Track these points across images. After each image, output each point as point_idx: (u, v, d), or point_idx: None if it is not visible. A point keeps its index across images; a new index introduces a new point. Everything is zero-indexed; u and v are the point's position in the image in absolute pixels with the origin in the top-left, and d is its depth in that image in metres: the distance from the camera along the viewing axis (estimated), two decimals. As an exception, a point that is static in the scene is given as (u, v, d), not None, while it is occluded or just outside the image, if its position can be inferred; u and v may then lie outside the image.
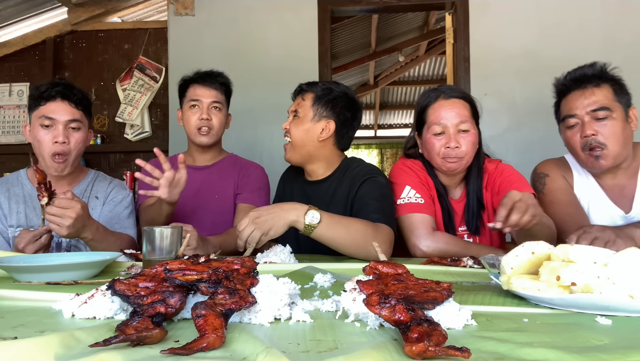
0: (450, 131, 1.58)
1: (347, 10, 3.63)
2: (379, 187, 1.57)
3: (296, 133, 1.65)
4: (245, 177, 1.96)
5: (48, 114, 1.65)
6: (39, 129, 1.66)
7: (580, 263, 0.74)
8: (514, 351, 0.54)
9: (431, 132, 1.61)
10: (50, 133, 1.65)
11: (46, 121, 1.65)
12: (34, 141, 1.69)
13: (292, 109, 1.70)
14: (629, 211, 1.60)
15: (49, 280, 1.01)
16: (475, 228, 1.66)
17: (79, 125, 1.70)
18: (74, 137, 1.69)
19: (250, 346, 0.55)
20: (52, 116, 1.65)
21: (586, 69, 1.59)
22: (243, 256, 1.29)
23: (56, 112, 1.66)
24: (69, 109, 1.67)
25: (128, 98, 3.62)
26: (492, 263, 1.04)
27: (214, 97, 1.91)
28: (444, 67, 7.40)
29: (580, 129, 1.57)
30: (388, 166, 10.47)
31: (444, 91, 1.65)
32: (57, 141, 1.64)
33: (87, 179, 1.82)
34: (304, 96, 1.68)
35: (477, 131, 1.61)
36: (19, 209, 1.72)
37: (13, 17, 3.63)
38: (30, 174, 1.79)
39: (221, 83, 1.94)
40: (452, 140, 1.57)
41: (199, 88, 1.91)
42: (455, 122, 1.57)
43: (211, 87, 1.91)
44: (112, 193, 1.81)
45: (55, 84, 1.70)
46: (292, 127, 1.66)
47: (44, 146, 1.66)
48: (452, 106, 1.59)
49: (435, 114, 1.60)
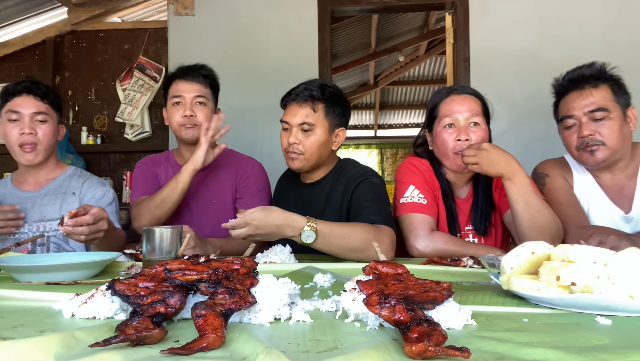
0: (461, 123, 1.58)
1: (347, 10, 3.63)
2: (375, 188, 1.55)
3: (312, 147, 1.57)
4: (244, 179, 1.87)
5: (14, 107, 1.69)
6: (7, 124, 1.70)
7: (580, 263, 0.74)
8: (514, 351, 0.54)
9: (442, 124, 1.61)
10: (17, 126, 1.69)
11: (13, 115, 1.69)
12: (3, 136, 1.73)
13: (300, 121, 1.57)
14: (629, 211, 1.60)
15: (49, 280, 1.01)
16: (484, 228, 1.66)
17: (45, 117, 1.72)
18: (41, 128, 1.71)
19: (250, 346, 0.55)
20: (18, 110, 1.69)
21: (584, 70, 1.59)
22: (243, 256, 1.29)
23: (22, 106, 1.70)
24: (34, 102, 1.71)
25: (128, 98, 3.62)
26: (492, 263, 1.04)
27: (197, 91, 1.79)
28: (444, 67, 7.40)
29: (578, 129, 1.58)
30: (388, 166, 10.46)
31: (456, 88, 1.67)
32: (23, 132, 1.68)
33: (65, 174, 1.83)
34: (315, 106, 1.57)
35: (487, 128, 1.62)
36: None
37: (13, 17, 3.63)
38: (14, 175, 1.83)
39: (205, 76, 1.82)
40: (462, 133, 1.57)
41: (181, 83, 1.80)
42: (466, 116, 1.58)
43: (194, 82, 1.80)
44: (90, 189, 1.80)
45: (21, 81, 1.74)
46: (305, 141, 1.57)
47: (11, 138, 1.70)
48: (464, 101, 1.60)
49: (447, 107, 1.61)
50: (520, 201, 1.44)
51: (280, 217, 1.31)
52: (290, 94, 1.62)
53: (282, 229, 1.30)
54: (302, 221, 1.31)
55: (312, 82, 1.64)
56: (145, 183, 1.83)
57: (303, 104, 1.58)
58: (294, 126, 1.58)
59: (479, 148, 1.47)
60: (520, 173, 1.45)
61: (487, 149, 1.46)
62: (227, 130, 1.72)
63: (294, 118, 1.58)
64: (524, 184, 1.44)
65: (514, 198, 1.45)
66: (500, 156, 1.46)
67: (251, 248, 1.31)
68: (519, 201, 1.45)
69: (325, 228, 1.31)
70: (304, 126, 1.57)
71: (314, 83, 1.62)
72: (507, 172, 1.45)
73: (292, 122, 1.58)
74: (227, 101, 2.56)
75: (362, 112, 9.54)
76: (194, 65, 1.85)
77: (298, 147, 1.57)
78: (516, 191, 1.44)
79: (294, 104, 1.59)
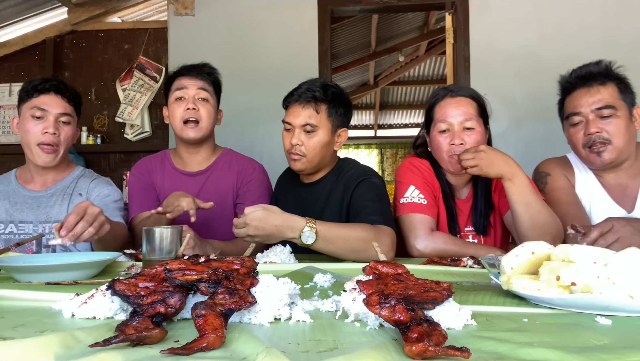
0: (455, 128, 1.58)
1: (347, 10, 3.63)
2: (375, 188, 1.55)
3: (315, 149, 1.56)
4: (245, 183, 1.84)
5: (40, 105, 1.67)
6: (29, 120, 1.67)
7: (580, 263, 0.74)
8: (514, 351, 0.54)
9: (437, 129, 1.62)
10: (41, 124, 1.66)
11: (38, 112, 1.66)
12: (22, 132, 1.70)
13: (302, 122, 1.55)
14: (632, 211, 1.60)
15: (49, 280, 1.00)
16: (483, 228, 1.66)
17: (69, 119, 1.71)
18: (64, 130, 1.70)
19: (250, 346, 0.55)
20: (45, 107, 1.67)
21: (592, 67, 1.58)
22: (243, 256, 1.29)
23: (49, 104, 1.67)
24: (62, 102, 1.69)
25: (128, 98, 3.62)
26: (492, 263, 1.04)
27: (200, 85, 1.77)
28: (444, 67, 7.40)
29: (584, 126, 1.57)
30: (388, 166, 10.46)
31: (452, 89, 1.66)
32: (47, 132, 1.65)
33: (73, 175, 1.82)
34: (318, 107, 1.56)
35: (483, 130, 1.61)
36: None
37: (13, 17, 3.63)
38: (19, 172, 1.80)
39: (208, 73, 1.81)
40: (456, 137, 1.57)
41: (184, 79, 1.78)
42: (460, 120, 1.58)
43: (197, 78, 1.78)
44: (95, 189, 1.78)
45: (48, 79, 1.72)
46: (307, 142, 1.56)
47: (32, 135, 1.67)
48: (458, 104, 1.60)
49: (441, 111, 1.62)
50: (520, 202, 1.45)
51: (279, 218, 1.29)
52: (292, 94, 1.61)
53: (282, 230, 1.29)
54: (302, 222, 1.30)
55: (314, 81, 1.62)
56: (141, 195, 1.81)
57: (306, 105, 1.56)
58: (297, 127, 1.57)
59: (477, 150, 1.47)
60: (519, 174, 1.45)
61: (485, 151, 1.46)
62: None
63: (297, 119, 1.56)
64: (523, 185, 1.45)
65: (514, 198, 1.45)
66: (499, 156, 1.46)
67: (251, 248, 1.31)
68: (519, 201, 1.45)
69: (325, 229, 1.31)
70: (306, 127, 1.55)
71: (316, 83, 1.60)
72: (507, 173, 1.45)
73: (295, 123, 1.57)
74: (227, 101, 2.55)
75: (362, 112, 9.55)
76: (197, 63, 1.84)
77: (301, 148, 1.56)
78: (516, 191, 1.45)
79: (297, 105, 1.58)
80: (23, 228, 1.70)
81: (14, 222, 1.70)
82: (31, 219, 1.70)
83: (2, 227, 1.71)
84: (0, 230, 1.70)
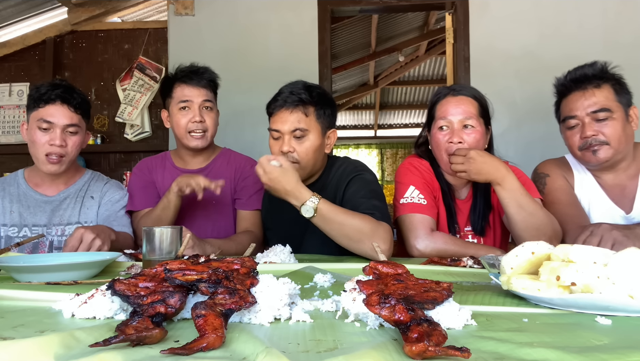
0: (454, 126, 1.59)
1: (347, 10, 3.64)
2: (367, 184, 1.55)
3: (307, 154, 1.53)
4: (243, 179, 1.87)
5: (47, 117, 1.65)
6: (36, 131, 1.66)
7: (580, 263, 0.74)
8: (514, 351, 0.54)
9: (437, 126, 1.63)
10: (48, 136, 1.65)
11: (44, 124, 1.65)
12: (29, 141, 1.70)
13: (292, 127, 1.51)
14: (630, 212, 1.60)
15: (49, 280, 1.00)
16: (481, 228, 1.66)
17: (76, 129, 1.70)
18: (71, 140, 1.69)
19: (250, 346, 0.55)
20: (51, 120, 1.65)
21: (586, 69, 1.58)
22: (243, 256, 1.29)
23: (55, 116, 1.65)
24: (68, 113, 1.67)
25: (128, 98, 3.62)
26: (492, 263, 1.04)
27: (205, 96, 1.79)
28: (444, 67, 7.40)
29: (581, 129, 1.57)
30: (388, 166, 10.46)
31: (454, 88, 1.67)
32: (53, 144, 1.65)
33: (84, 179, 1.82)
34: (306, 110, 1.52)
35: (484, 130, 1.62)
36: (12, 208, 1.72)
37: (13, 17, 3.62)
38: (27, 174, 1.79)
39: (209, 80, 1.82)
40: (455, 135, 1.58)
41: (187, 88, 1.78)
42: (460, 118, 1.58)
43: (200, 86, 1.78)
44: (108, 193, 1.80)
45: (55, 85, 1.68)
46: (299, 148, 1.52)
47: (39, 146, 1.66)
48: (459, 103, 1.60)
49: (442, 109, 1.62)
50: (512, 205, 1.46)
51: (291, 184, 1.38)
52: (276, 99, 1.55)
53: (289, 195, 1.38)
54: (308, 195, 1.37)
55: (295, 84, 1.57)
56: (142, 192, 1.83)
57: (294, 110, 1.51)
58: (286, 134, 1.52)
59: (466, 156, 1.48)
60: (509, 178, 1.46)
61: (474, 157, 1.47)
62: None
63: (285, 125, 1.51)
64: (513, 188, 1.46)
65: (506, 201, 1.47)
66: (488, 163, 1.47)
67: (251, 248, 1.31)
68: (511, 204, 1.46)
69: (326, 209, 1.36)
70: (296, 132, 1.51)
71: (298, 85, 1.56)
72: (496, 178, 1.47)
73: (284, 129, 1.51)
74: (226, 101, 2.56)
75: (362, 112, 9.54)
76: (196, 68, 1.83)
77: (293, 155, 1.52)
78: (506, 195, 1.46)
79: (283, 111, 1.52)
80: (37, 231, 1.70)
81: (27, 225, 1.71)
82: (44, 222, 1.72)
83: (16, 230, 1.71)
84: (14, 233, 1.71)
